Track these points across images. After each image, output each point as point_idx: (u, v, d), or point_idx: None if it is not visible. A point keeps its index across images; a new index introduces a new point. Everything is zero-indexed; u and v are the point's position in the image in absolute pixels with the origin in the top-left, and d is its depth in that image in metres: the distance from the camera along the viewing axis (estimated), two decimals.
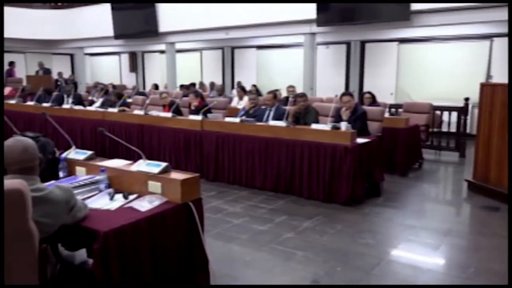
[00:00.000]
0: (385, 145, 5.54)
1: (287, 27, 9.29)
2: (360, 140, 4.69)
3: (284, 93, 8.40)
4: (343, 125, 4.71)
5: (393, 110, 7.85)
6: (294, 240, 3.67)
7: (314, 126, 4.91)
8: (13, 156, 1.90)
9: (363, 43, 11.08)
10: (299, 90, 8.19)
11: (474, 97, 6.19)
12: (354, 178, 4.46)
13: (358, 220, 4.20)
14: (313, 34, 9.30)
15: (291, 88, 7.87)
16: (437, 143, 7.32)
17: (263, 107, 5.98)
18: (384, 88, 9.98)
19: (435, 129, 7.35)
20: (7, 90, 10.83)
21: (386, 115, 6.63)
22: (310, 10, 8.56)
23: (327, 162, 4.58)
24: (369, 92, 6.92)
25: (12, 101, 8.58)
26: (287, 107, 5.73)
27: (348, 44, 11.32)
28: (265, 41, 12.09)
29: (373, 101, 6.66)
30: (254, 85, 11.44)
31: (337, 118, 5.29)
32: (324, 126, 4.81)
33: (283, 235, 3.77)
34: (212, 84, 12.09)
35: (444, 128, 7.56)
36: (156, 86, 12.68)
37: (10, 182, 1.64)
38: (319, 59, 10.18)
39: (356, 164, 4.48)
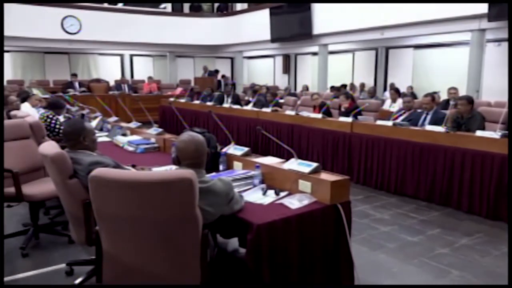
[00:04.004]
0: None
1: (450, 24, 8.49)
2: None
3: (443, 96, 7.72)
4: None
5: None
6: (448, 256, 3.36)
7: (479, 133, 4.41)
8: (187, 152, 2.15)
9: None
10: (462, 92, 7.43)
11: None
12: None
13: None
14: (483, 30, 8.30)
15: (452, 90, 7.16)
16: None
17: (419, 110, 5.61)
18: None
19: None
20: (178, 90, 12.44)
21: None
22: (479, 4, 7.68)
23: (493, 174, 4.07)
24: None
25: (182, 100, 9.78)
26: (447, 111, 5.27)
27: None
28: (423, 40, 11.29)
29: None
30: (411, 87, 10.80)
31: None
32: (492, 133, 4.29)
33: (436, 249, 3.49)
34: (362, 85, 11.80)
35: None
36: (307, 87, 12.97)
37: (182, 172, 1.86)
38: (487, 58, 9.07)
39: None
